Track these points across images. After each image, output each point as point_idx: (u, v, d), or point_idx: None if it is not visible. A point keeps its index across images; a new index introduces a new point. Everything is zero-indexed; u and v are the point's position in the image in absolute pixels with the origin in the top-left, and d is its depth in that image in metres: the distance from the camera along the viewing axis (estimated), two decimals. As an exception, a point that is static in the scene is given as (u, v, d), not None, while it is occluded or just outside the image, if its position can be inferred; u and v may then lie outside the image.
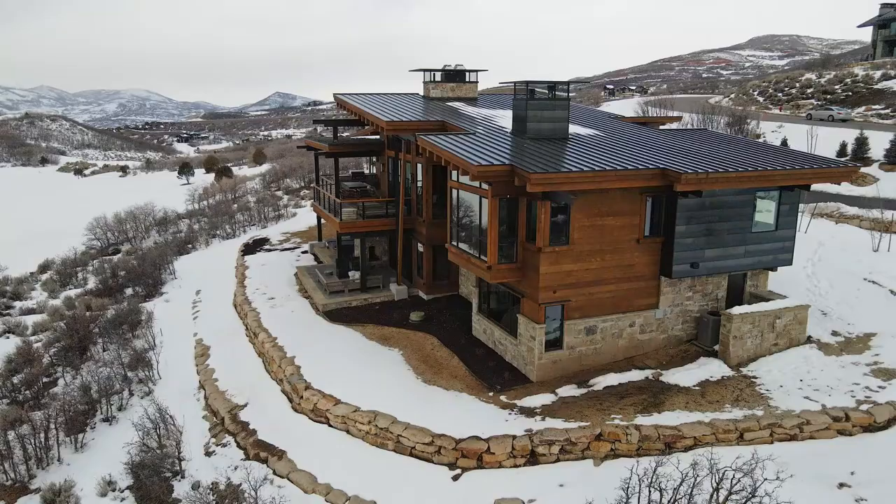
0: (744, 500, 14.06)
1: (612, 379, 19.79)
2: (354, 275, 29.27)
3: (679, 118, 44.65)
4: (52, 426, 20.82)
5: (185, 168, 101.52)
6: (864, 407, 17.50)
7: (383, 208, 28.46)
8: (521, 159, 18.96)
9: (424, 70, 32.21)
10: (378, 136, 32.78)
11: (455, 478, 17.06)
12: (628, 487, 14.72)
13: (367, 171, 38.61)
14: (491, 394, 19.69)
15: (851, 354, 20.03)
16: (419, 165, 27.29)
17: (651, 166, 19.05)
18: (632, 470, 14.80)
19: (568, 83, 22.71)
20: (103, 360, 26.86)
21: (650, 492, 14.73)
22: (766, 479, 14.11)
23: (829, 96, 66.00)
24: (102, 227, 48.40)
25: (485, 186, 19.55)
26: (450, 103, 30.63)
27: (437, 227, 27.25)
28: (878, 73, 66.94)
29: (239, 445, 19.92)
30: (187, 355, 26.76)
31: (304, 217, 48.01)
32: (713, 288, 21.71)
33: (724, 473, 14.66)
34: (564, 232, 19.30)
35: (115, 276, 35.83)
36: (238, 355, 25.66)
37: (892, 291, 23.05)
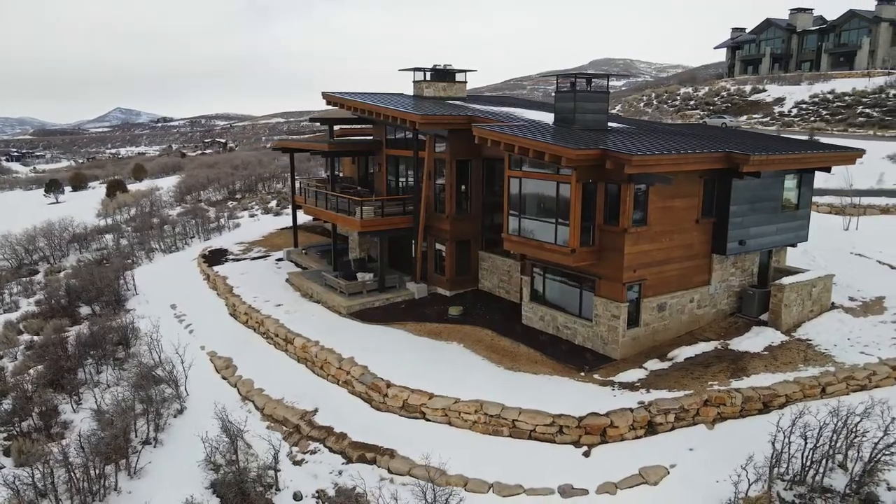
0: (878, 439, 15.60)
1: (687, 351, 20.99)
2: (363, 276, 28.46)
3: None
4: (101, 455, 18.30)
5: (53, 185, 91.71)
6: (911, 357, 19.97)
7: (401, 206, 27.94)
8: (610, 144, 19.69)
9: (415, 69, 32.09)
10: (372, 136, 32.16)
11: (586, 454, 17.30)
12: (774, 440, 15.85)
13: (340, 174, 37.45)
14: (582, 374, 20.11)
15: (875, 315, 22.71)
16: (435, 161, 27.19)
17: (719, 150, 20.56)
18: (777, 424, 15.94)
19: (607, 76, 23.83)
20: (107, 383, 24.07)
21: (790, 442, 15.93)
22: (893, 419, 15.75)
23: (711, 107, 73.32)
24: (11, 245, 42.73)
25: (564, 172, 20.08)
26: (448, 102, 30.77)
27: (461, 222, 27.32)
28: (748, 88, 75.45)
29: (332, 450, 18.76)
30: (205, 368, 24.65)
31: (250, 227, 45.62)
32: (749, 264, 23.68)
33: (847, 419, 16.24)
34: (643, 214, 20.26)
35: (70, 294, 31.90)
36: (270, 363, 24.09)
37: (879, 262, 26.42)
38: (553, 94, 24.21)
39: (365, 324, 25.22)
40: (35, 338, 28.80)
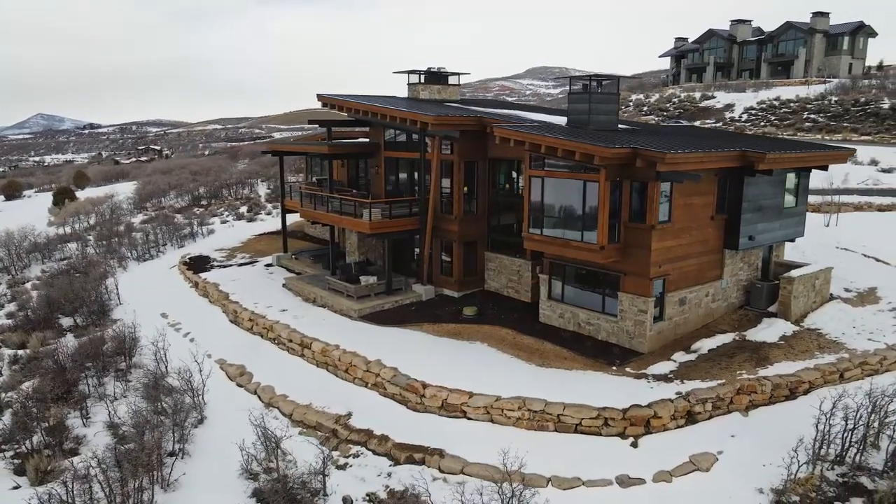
0: (910, 418, 16.60)
1: (708, 343, 21.71)
2: (367, 279, 28.18)
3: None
4: (143, 468, 17.46)
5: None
6: (914, 342, 21.29)
7: (407, 208, 27.82)
8: (637, 143, 20.23)
9: (410, 72, 32.13)
10: (368, 139, 31.93)
11: (633, 444, 17.67)
12: (818, 423, 16.62)
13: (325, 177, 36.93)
14: (614, 368, 20.53)
15: (871, 305, 24.10)
16: (442, 162, 27.22)
17: (736, 149, 21.44)
18: (819, 407, 16.68)
19: (618, 78, 24.48)
20: (114, 395, 22.99)
21: (830, 425, 16.72)
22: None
23: (665, 113, 75.97)
24: (-33, 256, 40.16)
25: (591, 171, 20.50)
26: (446, 104, 30.89)
27: (468, 223, 27.44)
28: (698, 94, 78.57)
29: (376, 453, 18.50)
30: (217, 377, 23.82)
31: (225, 233, 44.42)
32: (755, 259, 24.72)
33: (878, 401, 17.20)
34: (668, 211, 20.90)
35: (50, 305, 30.25)
36: (287, 369, 23.59)
37: (864, 255, 28.03)
38: (496, 97, 24.67)
39: (380, 326, 24.98)
40: (20, 352, 27.19)
